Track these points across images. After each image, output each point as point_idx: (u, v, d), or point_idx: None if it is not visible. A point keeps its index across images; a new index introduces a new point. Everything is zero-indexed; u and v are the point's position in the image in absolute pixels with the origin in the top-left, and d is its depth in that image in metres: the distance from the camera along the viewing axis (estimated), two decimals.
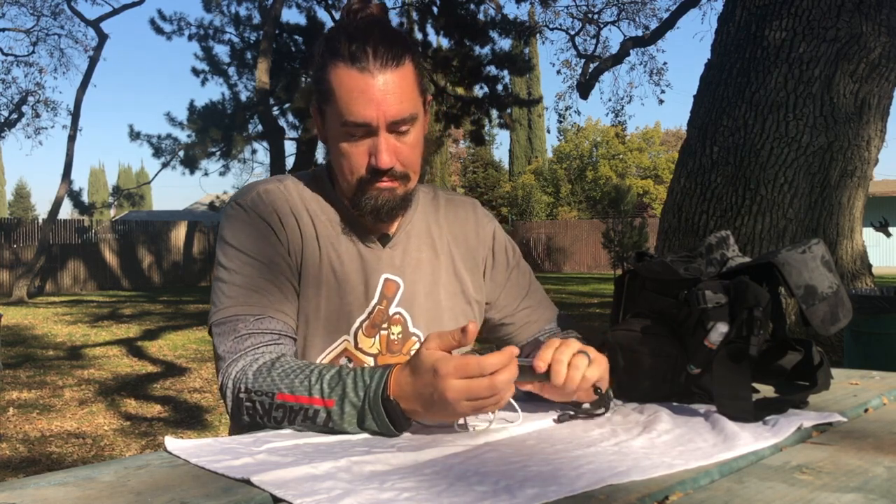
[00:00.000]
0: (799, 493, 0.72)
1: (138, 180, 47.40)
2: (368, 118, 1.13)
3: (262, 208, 1.21)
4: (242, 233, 1.20)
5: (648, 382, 1.16)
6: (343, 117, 1.14)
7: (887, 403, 1.16)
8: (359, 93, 1.12)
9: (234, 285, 1.16)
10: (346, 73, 1.13)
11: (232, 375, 1.09)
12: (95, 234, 19.48)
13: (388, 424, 0.96)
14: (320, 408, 0.99)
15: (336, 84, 1.14)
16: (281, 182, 1.25)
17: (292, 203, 1.23)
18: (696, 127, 4.91)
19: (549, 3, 15.74)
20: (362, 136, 1.15)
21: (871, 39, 4.53)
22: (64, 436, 4.54)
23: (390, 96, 1.13)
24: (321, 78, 1.17)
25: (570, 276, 23.20)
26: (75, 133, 16.23)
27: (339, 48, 1.14)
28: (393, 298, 1.25)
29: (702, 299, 1.08)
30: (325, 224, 1.24)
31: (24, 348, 8.18)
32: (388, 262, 1.25)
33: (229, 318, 1.14)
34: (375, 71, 1.12)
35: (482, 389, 0.92)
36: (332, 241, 1.23)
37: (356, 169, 1.17)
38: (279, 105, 14.38)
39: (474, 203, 1.42)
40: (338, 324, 1.22)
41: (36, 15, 19.60)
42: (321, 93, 1.18)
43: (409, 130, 1.17)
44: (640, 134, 35.45)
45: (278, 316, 1.16)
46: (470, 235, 1.36)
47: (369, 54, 1.12)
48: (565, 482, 0.74)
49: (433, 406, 0.94)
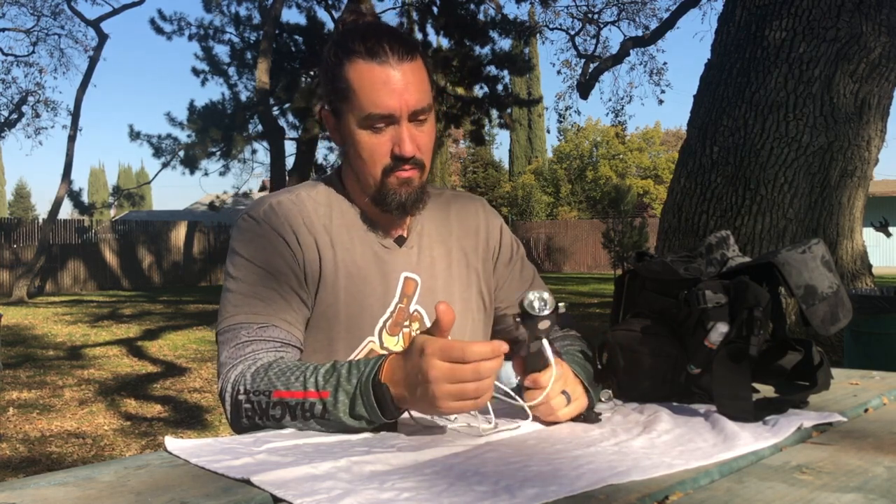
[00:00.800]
0: (799, 493, 0.72)
1: (138, 180, 47.40)
2: (392, 109, 1.16)
3: (274, 220, 1.22)
4: (252, 244, 1.20)
5: (648, 382, 1.16)
6: (366, 110, 1.16)
7: (887, 403, 1.16)
8: (381, 84, 1.15)
9: (241, 294, 1.17)
10: (365, 68, 1.16)
11: (231, 380, 1.10)
12: (95, 234, 19.48)
13: (375, 407, 0.97)
14: (316, 400, 1.00)
15: (355, 79, 1.16)
16: (293, 193, 1.26)
17: (305, 214, 1.23)
18: (696, 127, 4.91)
19: (549, 3, 15.73)
20: (384, 128, 1.18)
21: (871, 39, 4.53)
22: (64, 436, 4.54)
23: (411, 87, 1.16)
24: (337, 76, 1.18)
25: (570, 276, 23.20)
26: (75, 133, 16.24)
27: (353, 46, 1.17)
28: (413, 296, 1.26)
29: (702, 299, 1.08)
30: (340, 231, 1.25)
31: (24, 348, 8.18)
32: (405, 262, 1.27)
33: (233, 325, 1.15)
34: (395, 63, 1.16)
35: (465, 373, 0.92)
36: (347, 247, 1.24)
37: (380, 159, 1.19)
38: (279, 105, 14.38)
39: (482, 200, 1.45)
40: (361, 326, 1.23)
41: (36, 15, 19.63)
42: (337, 91, 1.19)
43: (426, 120, 1.21)
44: (640, 134, 35.45)
45: (282, 325, 1.16)
46: (480, 228, 1.38)
47: (386, 49, 1.15)
48: (565, 482, 0.74)
49: (417, 389, 0.94)
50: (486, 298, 1.36)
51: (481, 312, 1.35)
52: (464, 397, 0.93)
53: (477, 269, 1.35)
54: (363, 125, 1.18)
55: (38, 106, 20.57)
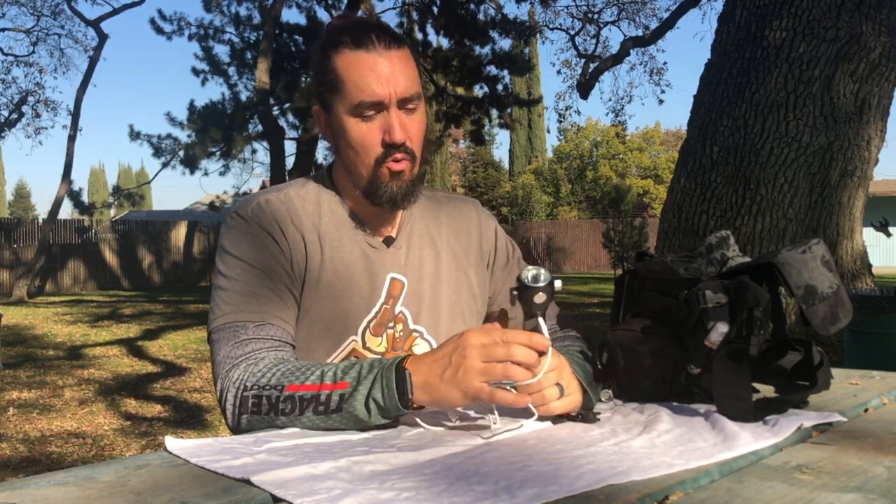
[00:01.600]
0: (799, 493, 0.72)
1: (138, 180, 47.39)
2: (381, 95, 1.16)
3: (263, 218, 1.22)
4: (242, 242, 1.20)
5: (648, 382, 1.16)
6: (355, 98, 1.16)
7: (887, 403, 1.16)
8: (369, 71, 1.16)
9: (234, 292, 1.17)
10: (352, 57, 1.16)
11: (233, 378, 1.09)
12: (95, 234, 19.48)
13: (394, 389, 0.98)
14: (331, 391, 1.01)
15: (343, 69, 1.17)
16: (281, 192, 1.26)
17: (293, 212, 1.23)
18: (696, 127, 4.91)
19: (549, 3, 15.72)
20: (374, 116, 1.18)
21: (871, 39, 4.53)
22: (64, 436, 4.54)
23: (398, 74, 1.17)
24: (325, 68, 1.19)
25: (570, 276, 23.19)
26: (75, 133, 16.24)
27: (340, 38, 1.18)
28: (399, 297, 1.26)
29: (702, 299, 1.08)
30: (328, 228, 1.25)
31: (24, 348, 8.18)
32: (392, 262, 1.27)
33: (228, 324, 1.15)
34: (381, 50, 1.16)
35: (498, 349, 0.95)
36: (335, 245, 1.24)
37: (371, 148, 1.19)
38: (279, 105, 14.38)
39: (475, 202, 1.44)
40: (345, 325, 1.23)
41: (36, 15, 19.61)
42: (326, 84, 1.19)
43: (416, 109, 1.20)
44: (640, 134, 35.44)
45: (278, 323, 1.16)
46: (473, 231, 1.38)
47: (373, 38, 1.17)
48: (565, 482, 0.74)
49: (447, 369, 0.96)
50: (478, 302, 1.35)
51: (473, 316, 1.34)
52: (490, 377, 0.95)
53: (467, 273, 1.34)
54: (353, 114, 1.18)
55: (38, 106, 20.57)
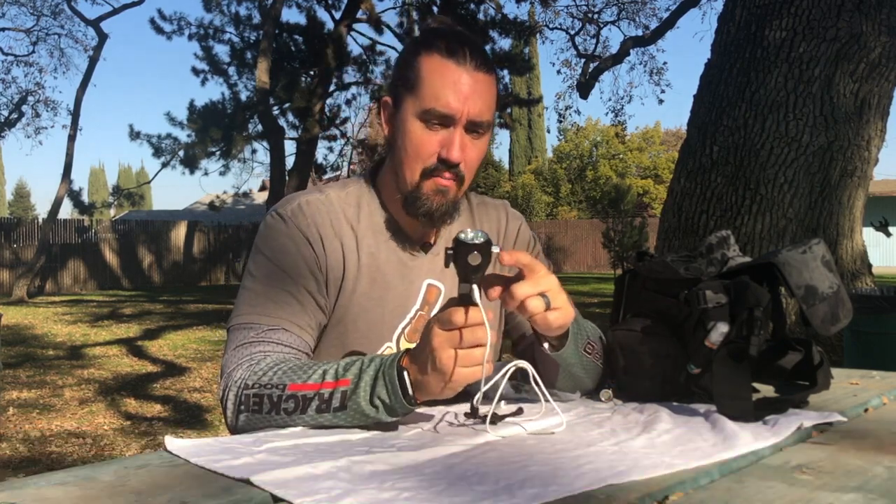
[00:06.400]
0: (799, 492, 0.72)
1: (138, 180, 47.40)
2: (454, 110, 1.14)
3: (301, 220, 1.20)
4: (276, 242, 1.20)
5: (648, 382, 1.16)
6: (427, 104, 1.15)
7: (887, 403, 1.16)
8: (451, 82, 1.14)
9: (256, 293, 1.17)
10: (440, 63, 1.15)
11: (235, 377, 1.10)
12: (95, 234, 19.48)
13: (397, 386, 0.97)
14: (334, 389, 1.01)
15: (427, 72, 1.16)
16: (323, 193, 1.25)
17: (333, 215, 1.22)
18: (696, 127, 4.91)
19: (549, 3, 15.72)
20: (438, 127, 1.16)
21: (871, 39, 4.53)
22: (64, 435, 4.54)
23: (477, 96, 1.15)
24: (409, 64, 1.18)
25: (570, 275, 23.18)
26: (75, 133, 16.23)
27: (435, 42, 1.16)
28: (434, 304, 1.26)
29: (702, 299, 1.08)
30: (366, 233, 1.24)
31: (24, 348, 8.18)
32: (430, 269, 1.26)
33: (244, 324, 1.15)
34: (471, 68, 1.15)
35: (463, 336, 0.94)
36: (372, 251, 1.23)
37: (425, 156, 1.17)
38: (279, 105, 14.38)
39: (505, 203, 1.45)
40: (380, 331, 1.22)
41: (36, 15, 19.59)
42: (405, 79, 1.18)
43: (482, 136, 1.19)
44: (640, 134, 35.43)
45: (292, 329, 1.16)
46: (501, 232, 1.39)
47: (466, 52, 1.15)
48: (565, 482, 0.74)
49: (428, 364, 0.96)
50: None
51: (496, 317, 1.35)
52: (470, 362, 0.95)
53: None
54: (420, 117, 1.16)
55: (38, 106, 20.58)
